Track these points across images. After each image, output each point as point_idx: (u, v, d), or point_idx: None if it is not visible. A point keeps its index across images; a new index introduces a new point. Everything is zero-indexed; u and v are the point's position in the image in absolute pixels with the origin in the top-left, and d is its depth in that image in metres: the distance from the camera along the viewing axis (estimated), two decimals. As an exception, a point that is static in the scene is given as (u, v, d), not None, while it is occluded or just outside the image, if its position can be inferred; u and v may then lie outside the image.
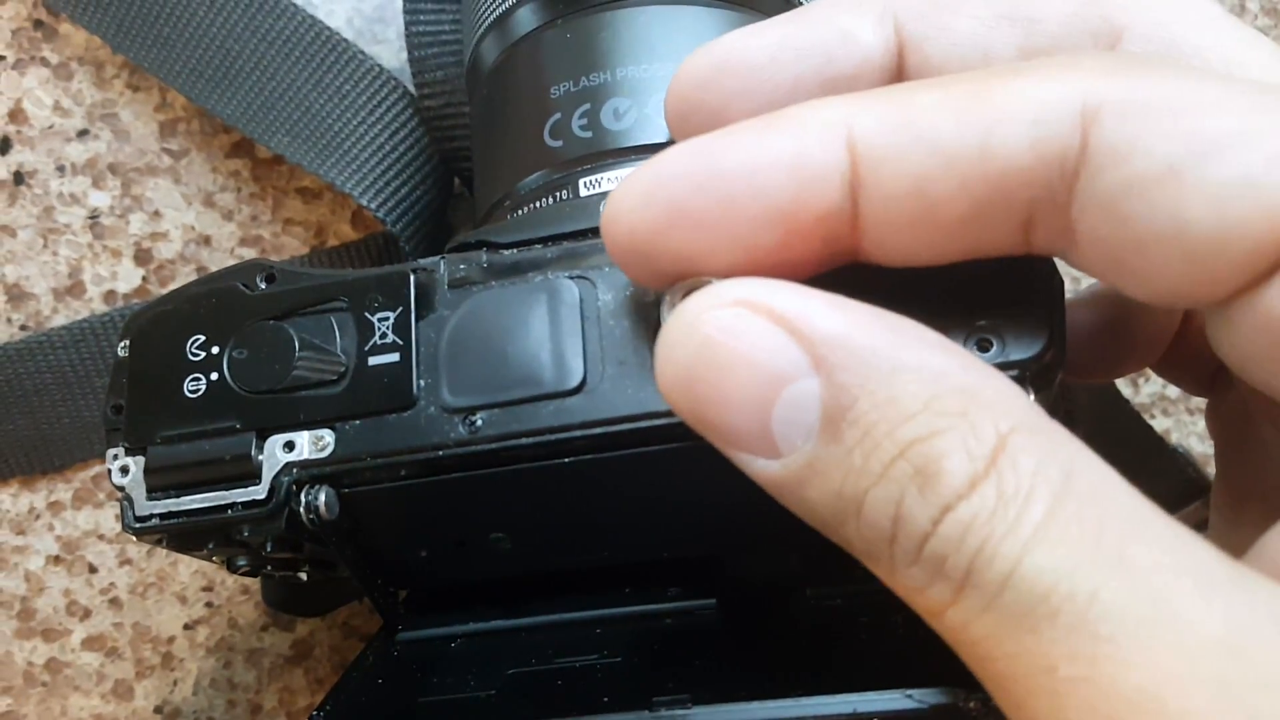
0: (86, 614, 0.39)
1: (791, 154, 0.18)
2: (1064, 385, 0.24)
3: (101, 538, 0.40)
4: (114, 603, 0.39)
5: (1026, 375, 0.22)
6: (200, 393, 0.26)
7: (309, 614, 0.36)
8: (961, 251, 0.19)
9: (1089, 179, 0.18)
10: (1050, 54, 0.20)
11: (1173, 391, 0.44)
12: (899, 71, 0.21)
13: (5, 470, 0.39)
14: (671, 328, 0.19)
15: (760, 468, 0.19)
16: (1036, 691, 0.16)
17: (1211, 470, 0.43)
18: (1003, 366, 0.22)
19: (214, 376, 0.26)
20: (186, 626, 0.39)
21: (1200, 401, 0.44)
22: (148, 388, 0.26)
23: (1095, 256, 0.19)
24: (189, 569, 0.39)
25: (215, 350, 0.26)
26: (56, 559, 0.39)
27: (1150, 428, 0.41)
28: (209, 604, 0.39)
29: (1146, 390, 0.44)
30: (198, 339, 0.26)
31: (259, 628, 0.39)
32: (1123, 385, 0.43)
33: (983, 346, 0.22)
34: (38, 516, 0.40)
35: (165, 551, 0.39)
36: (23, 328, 0.40)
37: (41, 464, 0.39)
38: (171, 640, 0.39)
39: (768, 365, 0.18)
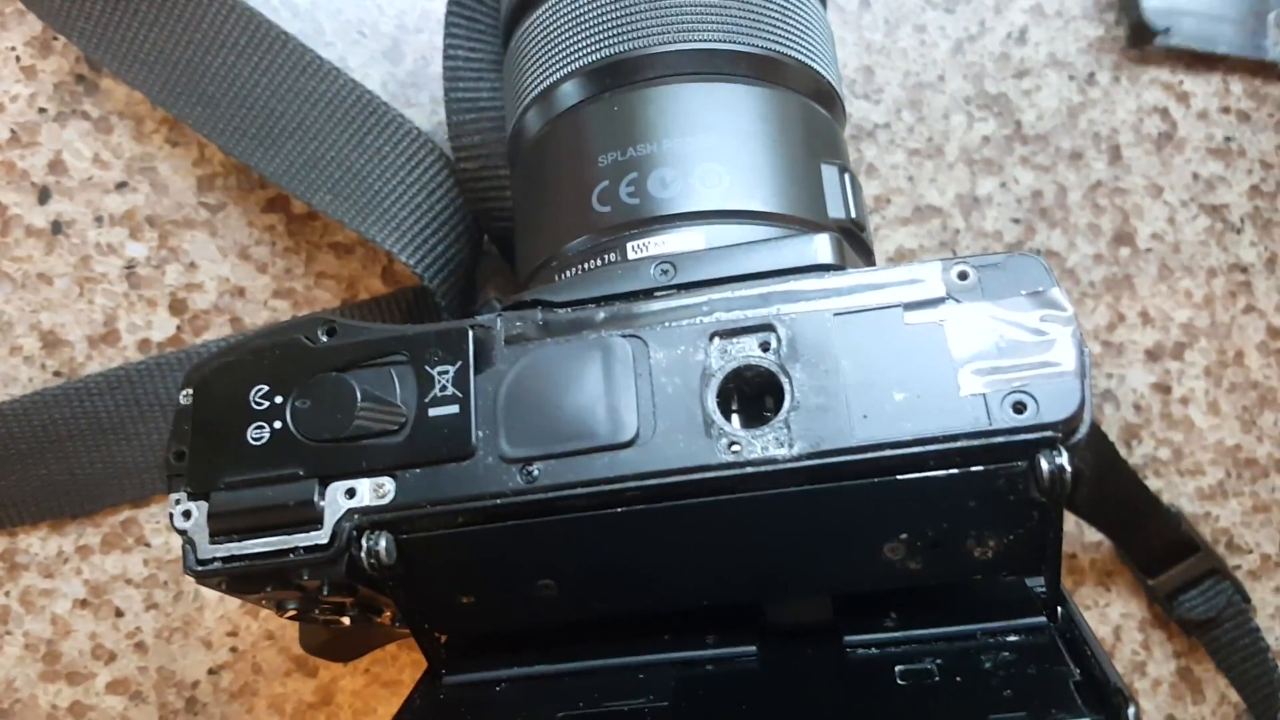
0: (112, 657, 0.40)
1: None
2: (1074, 449, 0.25)
3: (129, 582, 0.40)
4: (139, 647, 0.40)
5: (1059, 435, 0.24)
6: (264, 440, 0.27)
7: (343, 659, 0.36)
8: None
9: None
10: None
11: (1164, 454, 0.46)
12: None
13: (36, 514, 0.40)
14: None
15: None
16: None
17: (1203, 530, 0.45)
18: (1037, 427, 0.24)
19: (277, 425, 0.27)
20: (211, 671, 0.40)
21: (1190, 463, 0.45)
22: (211, 435, 0.27)
23: None
24: (214, 614, 0.40)
25: (279, 400, 0.27)
26: (83, 602, 0.40)
27: (1146, 488, 0.43)
28: (234, 649, 0.40)
29: (1140, 452, 0.46)
30: (261, 389, 0.27)
31: (283, 673, 0.40)
32: (1117, 446, 0.44)
33: (1018, 408, 0.24)
34: (66, 560, 0.40)
35: (193, 596, 0.40)
36: (56, 374, 0.41)
37: (72, 508, 0.40)
38: (196, 685, 0.40)
39: None
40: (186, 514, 0.27)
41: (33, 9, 0.42)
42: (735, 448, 0.25)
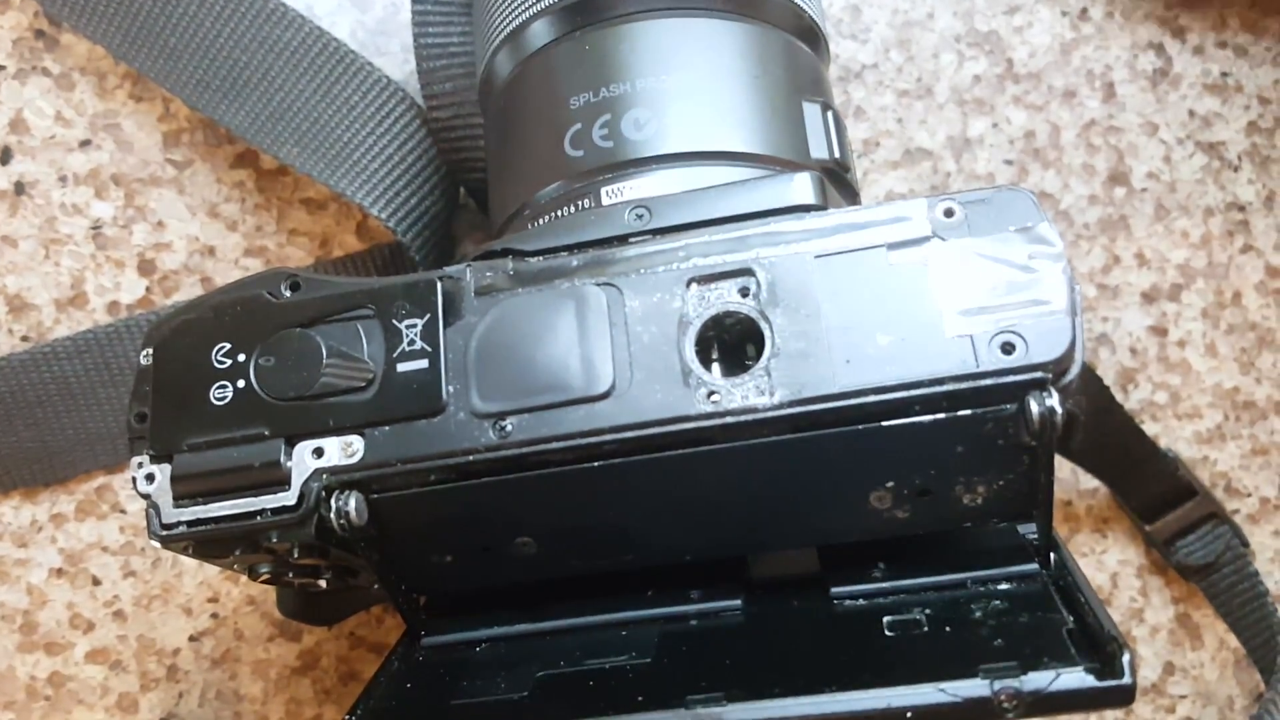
0: (90, 627, 0.39)
1: None
2: (1066, 390, 0.24)
3: (105, 550, 0.39)
4: (118, 615, 0.39)
5: (1049, 376, 0.23)
6: (227, 400, 0.26)
7: (323, 623, 0.36)
8: None
9: None
10: None
11: (1161, 397, 0.45)
12: None
13: (8, 482, 0.39)
14: None
15: None
16: None
17: (1201, 474, 0.44)
18: (1026, 368, 0.23)
19: (241, 384, 0.26)
20: (192, 638, 0.39)
21: (1188, 406, 0.45)
22: (173, 396, 0.26)
23: None
24: (194, 580, 0.39)
25: (241, 358, 0.26)
26: (59, 571, 0.39)
27: (1143, 433, 0.42)
28: (214, 615, 0.39)
29: (1136, 396, 0.45)
30: (223, 347, 0.26)
31: (265, 639, 0.39)
32: (1113, 391, 0.44)
33: (1006, 349, 0.23)
34: (40, 529, 0.39)
35: (171, 563, 0.39)
36: (24, 338, 0.40)
37: (44, 475, 0.39)
38: (177, 652, 0.39)
39: None
40: (150, 477, 0.26)
41: (-15, -39, 0.40)
42: (714, 397, 0.24)
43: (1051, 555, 0.26)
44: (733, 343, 0.25)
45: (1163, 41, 0.47)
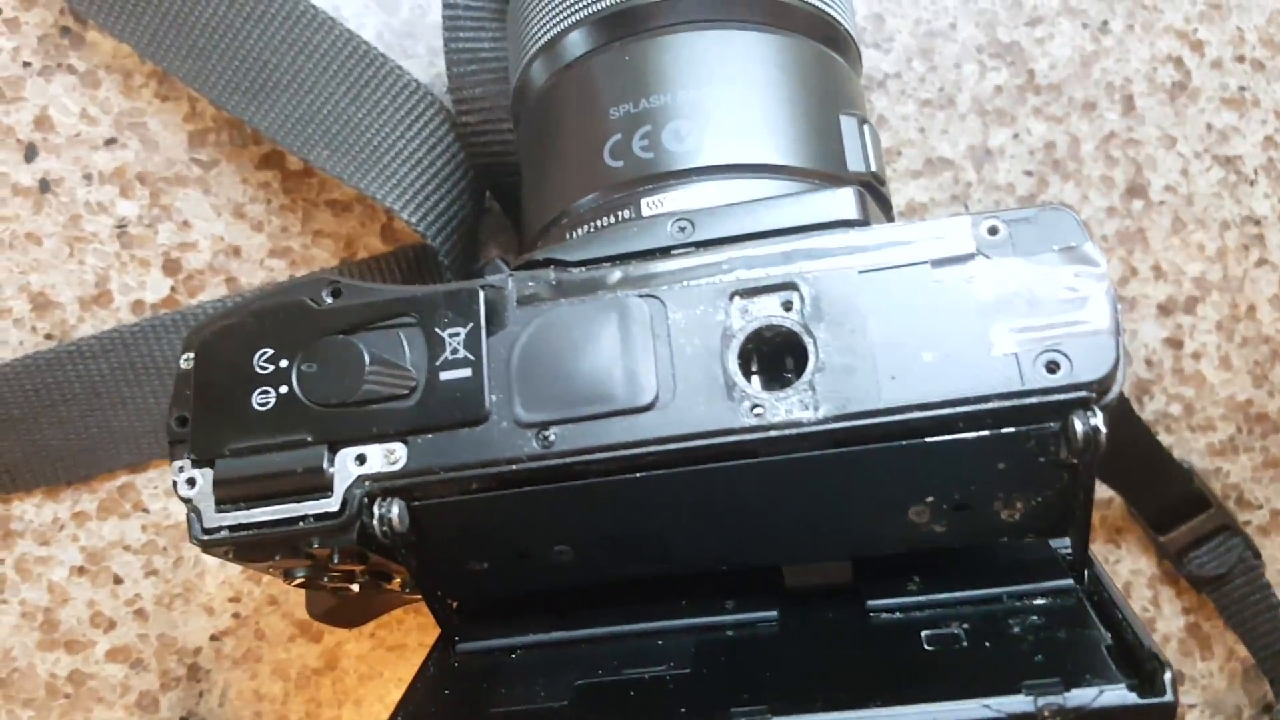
0: (111, 625, 0.39)
1: None
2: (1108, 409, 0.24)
3: (127, 548, 0.39)
4: (139, 614, 0.39)
5: (1093, 395, 0.23)
6: (269, 405, 0.26)
7: (350, 625, 0.36)
8: None
9: None
10: None
11: (1175, 409, 0.45)
12: None
13: (31, 480, 0.39)
14: None
15: None
16: None
17: (1213, 486, 0.44)
18: (1071, 387, 0.23)
19: (283, 390, 0.26)
20: (213, 638, 0.39)
21: (1201, 419, 0.45)
22: (214, 400, 0.26)
23: None
24: (216, 580, 0.39)
25: (284, 364, 0.26)
26: (81, 570, 0.39)
27: (1159, 444, 0.43)
28: (236, 615, 0.39)
29: (1151, 407, 0.45)
30: (265, 352, 0.26)
31: (286, 638, 0.39)
32: (1129, 402, 0.44)
33: (1051, 368, 0.23)
34: (62, 527, 0.39)
35: (193, 562, 0.39)
36: (48, 336, 0.40)
37: (67, 474, 0.39)
38: (198, 651, 0.39)
39: None
40: (191, 481, 0.26)
41: (13, -43, 0.40)
42: (758, 410, 0.24)
43: (1085, 570, 0.26)
44: (775, 356, 0.25)
45: (1181, 55, 0.47)
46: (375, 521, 0.25)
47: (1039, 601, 0.25)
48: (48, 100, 0.41)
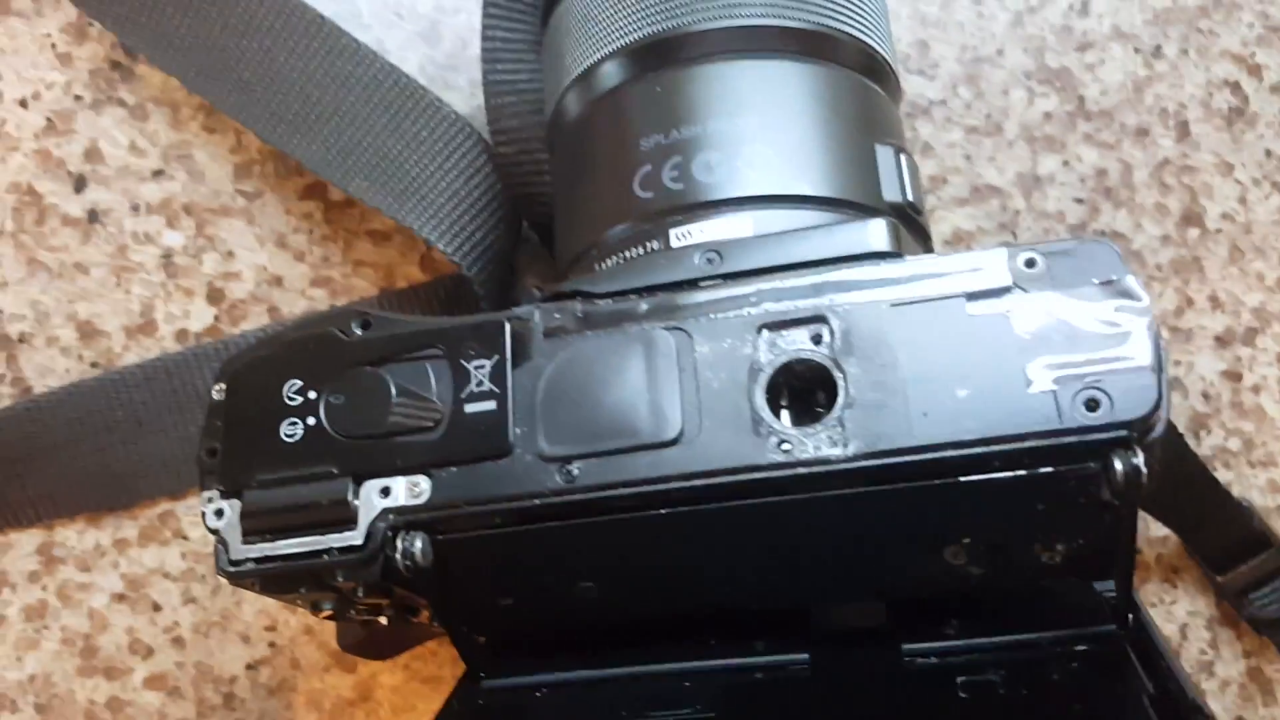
0: (149, 652, 0.39)
1: None
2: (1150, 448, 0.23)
3: (166, 576, 0.40)
4: (177, 641, 0.39)
5: (1134, 435, 0.22)
6: (297, 437, 0.26)
7: (381, 657, 0.36)
8: None
9: None
10: None
11: (1234, 444, 0.44)
12: None
13: (73, 507, 0.40)
14: None
15: None
16: None
17: (1274, 524, 0.43)
18: (1111, 426, 0.22)
19: (311, 421, 0.26)
20: (249, 666, 0.39)
21: (1262, 454, 0.43)
22: (244, 431, 0.27)
23: None
24: (252, 608, 0.39)
25: (312, 395, 0.26)
26: (121, 596, 0.40)
27: (1216, 480, 0.41)
28: (272, 644, 0.39)
29: (1209, 442, 0.44)
30: (295, 384, 0.26)
31: (321, 668, 0.39)
32: (1185, 437, 0.43)
33: (1090, 406, 0.22)
34: (103, 554, 0.40)
35: (230, 591, 0.39)
36: (94, 364, 0.41)
37: (109, 501, 0.40)
38: (233, 680, 0.39)
39: None
40: (219, 512, 0.26)
41: (67, -5, 0.41)
42: (786, 447, 0.23)
43: (1129, 615, 0.25)
44: (804, 391, 0.25)
45: (1239, 79, 0.46)
46: (399, 555, 0.25)
47: (1080, 648, 0.25)
48: (98, 133, 0.42)
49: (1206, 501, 0.42)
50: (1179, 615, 0.43)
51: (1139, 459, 0.22)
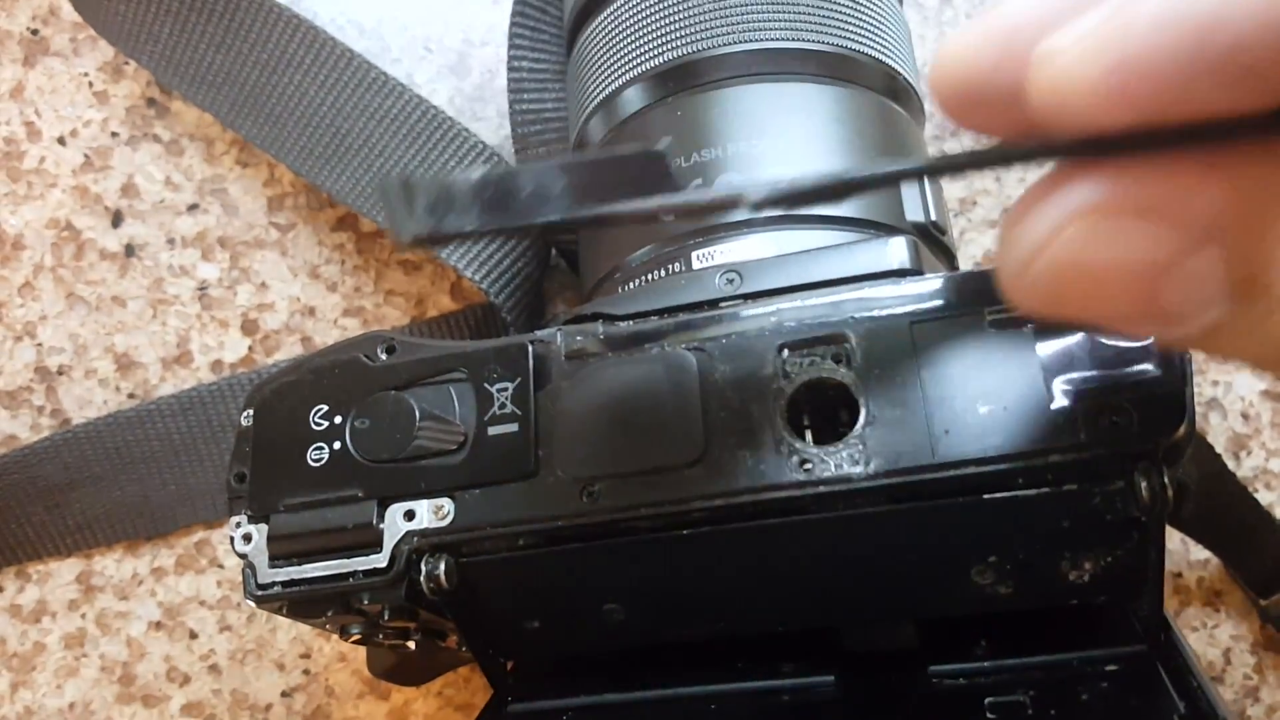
0: (186, 680, 0.40)
1: None
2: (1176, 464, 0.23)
3: (203, 604, 0.40)
4: (213, 669, 0.40)
5: (1159, 451, 0.22)
6: (323, 461, 0.26)
7: (412, 683, 0.36)
8: None
9: None
10: None
11: (1275, 465, 0.43)
12: None
13: (111, 535, 0.40)
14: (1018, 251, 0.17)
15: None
16: None
17: (1320, 546, 0.42)
18: (1136, 441, 0.22)
19: (336, 446, 0.26)
20: (284, 694, 0.39)
21: (1306, 475, 0.43)
22: (271, 456, 0.27)
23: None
24: (287, 636, 0.40)
25: (338, 420, 0.26)
26: (158, 624, 0.40)
27: (1257, 502, 0.40)
28: (306, 671, 0.40)
29: (1249, 464, 0.43)
30: (321, 409, 0.27)
31: (355, 695, 0.39)
32: (1225, 458, 0.42)
33: (1114, 421, 0.22)
34: (140, 582, 0.40)
35: (265, 618, 0.40)
36: (130, 395, 0.41)
37: (146, 529, 0.40)
38: (269, 708, 0.39)
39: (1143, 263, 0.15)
40: (247, 537, 0.27)
41: (104, 35, 0.42)
42: (807, 466, 0.23)
43: (1161, 635, 0.25)
44: (825, 410, 0.24)
45: None
46: (423, 578, 0.25)
47: (1110, 668, 0.24)
48: (134, 168, 0.43)
49: (1247, 524, 0.41)
50: (1222, 640, 0.42)
51: (1165, 474, 0.22)
